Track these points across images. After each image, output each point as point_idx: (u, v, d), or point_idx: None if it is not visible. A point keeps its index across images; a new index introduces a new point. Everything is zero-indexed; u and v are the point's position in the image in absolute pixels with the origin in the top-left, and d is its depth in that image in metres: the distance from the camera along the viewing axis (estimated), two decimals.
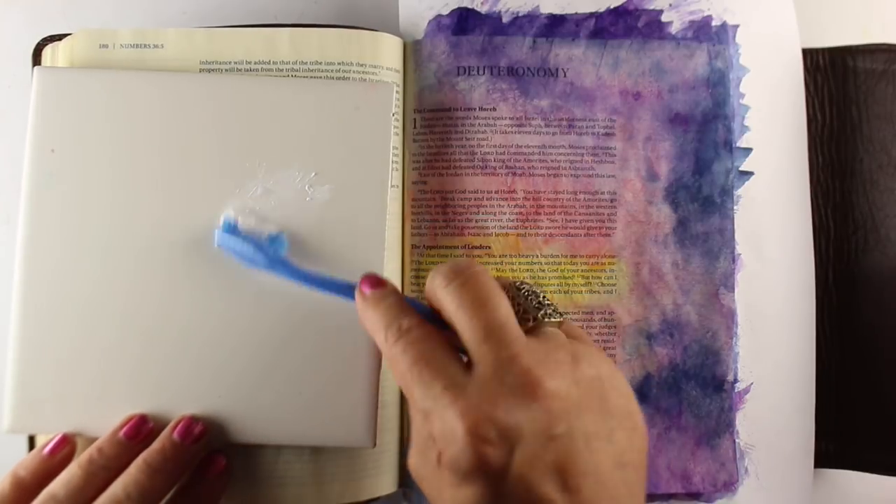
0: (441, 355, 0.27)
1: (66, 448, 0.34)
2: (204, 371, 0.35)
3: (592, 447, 0.26)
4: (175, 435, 0.33)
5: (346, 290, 0.32)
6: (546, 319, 0.29)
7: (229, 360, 0.35)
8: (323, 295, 0.32)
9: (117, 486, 0.31)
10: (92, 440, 0.35)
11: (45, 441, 0.34)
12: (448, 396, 0.26)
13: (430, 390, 0.26)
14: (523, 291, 0.29)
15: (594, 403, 0.26)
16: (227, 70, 0.39)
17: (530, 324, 0.28)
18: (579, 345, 0.28)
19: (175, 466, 0.33)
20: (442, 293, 0.28)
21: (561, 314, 0.30)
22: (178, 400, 0.35)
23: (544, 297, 0.30)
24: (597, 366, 0.27)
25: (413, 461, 0.28)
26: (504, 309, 0.27)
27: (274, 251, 0.35)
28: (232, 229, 0.35)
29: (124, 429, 0.34)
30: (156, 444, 0.33)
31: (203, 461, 0.35)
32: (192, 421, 0.34)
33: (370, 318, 0.30)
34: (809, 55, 0.43)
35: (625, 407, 0.27)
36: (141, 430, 0.34)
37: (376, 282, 0.31)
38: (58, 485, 0.32)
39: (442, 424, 0.26)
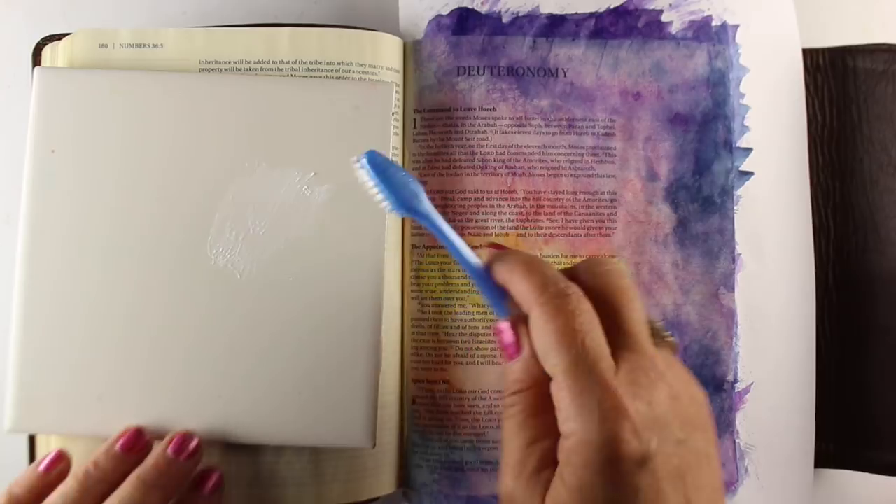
0: (599, 331, 0.26)
1: (61, 464, 0.34)
2: (204, 371, 0.35)
3: (702, 464, 0.25)
4: (169, 450, 0.33)
5: (478, 272, 0.29)
6: (664, 338, 0.28)
7: (229, 361, 0.35)
8: (323, 296, 0.32)
9: (112, 502, 0.31)
10: (91, 441, 0.35)
11: (40, 458, 0.34)
12: (599, 373, 0.24)
13: (583, 363, 0.24)
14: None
15: (704, 424, 0.26)
16: (226, 70, 0.39)
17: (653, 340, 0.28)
18: (687, 369, 0.28)
19: (169, 482, 0.33)
20: (595, 278, 0.27)
21: (675, 341, 0.29)
22: (179, 400, 0.35)
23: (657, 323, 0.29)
24: (702, 390, 0.27)
25: (514, 486, 0.26)
26: (643, 311, 0.27)
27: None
28: (382, 160, 0.30)
29: (120, 442, 0.34)
30: (150, 460, 0.33)
31: (198, 476, 0.35)
32: (187, 436, 0.34)
33: (519, 273, 0.27)
34: (809, 55, 0.43)
35: (713, 441, 0.27)
36: (137, 443, 0.34)
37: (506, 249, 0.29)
38: (55, 498, 0.32)
39: (583, 401, 0.24)
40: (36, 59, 0.39)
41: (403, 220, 0.41)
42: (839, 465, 0.41)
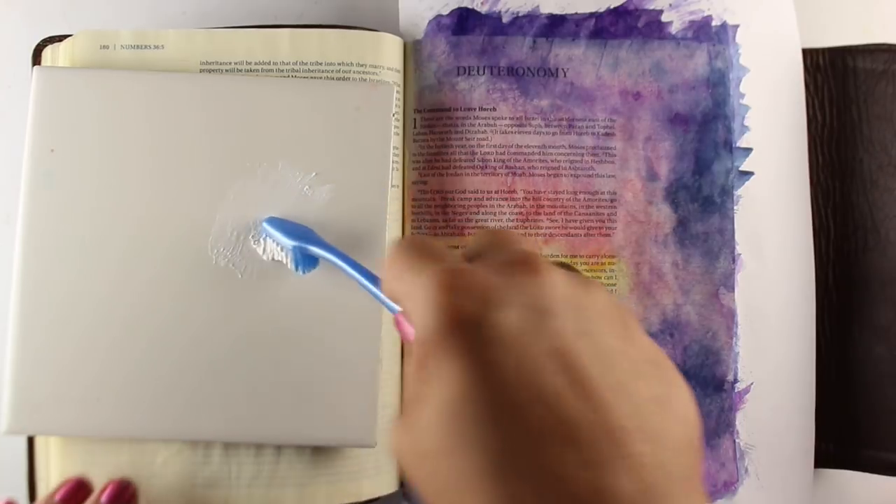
0: (437, 244, 0.22)
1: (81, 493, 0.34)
2: (204, 371, 0.35)
3: (614, 362, 0.19)
4: (103, 499, 0.33)
5: (371, 279, 0.30)
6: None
7: (229, 361, 0.35)
8: (323, 296, 0.32)
9: None
10: (90, 442, 0.35)
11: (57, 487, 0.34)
12: (434, 266, 0.20)
13: (419, 270, 0.21)
14: None
15: (612, 323, 0.20)
16: (227, 71, 0.39)
17: None
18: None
19: None
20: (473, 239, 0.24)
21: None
22: (179, 400, 0.35)
23: None
24: (613, 299, 0.22)
25: (392, 430, 0.20)
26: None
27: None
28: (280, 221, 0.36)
29: (59, 493, 0.34)
30: None
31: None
32: (122, 483, 0.34)
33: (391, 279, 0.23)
34: (809, 55, 0.43)
35: (655, 352, 0.21)
36: (77, 495, 0.34)
37: None
38: None
39: (419, 295, 0.20)
40: (36, 61, 0.39)
41: (404, 220, 0.41)
42: (839, 465, 0.41)
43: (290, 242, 0.34)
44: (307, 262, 0.35)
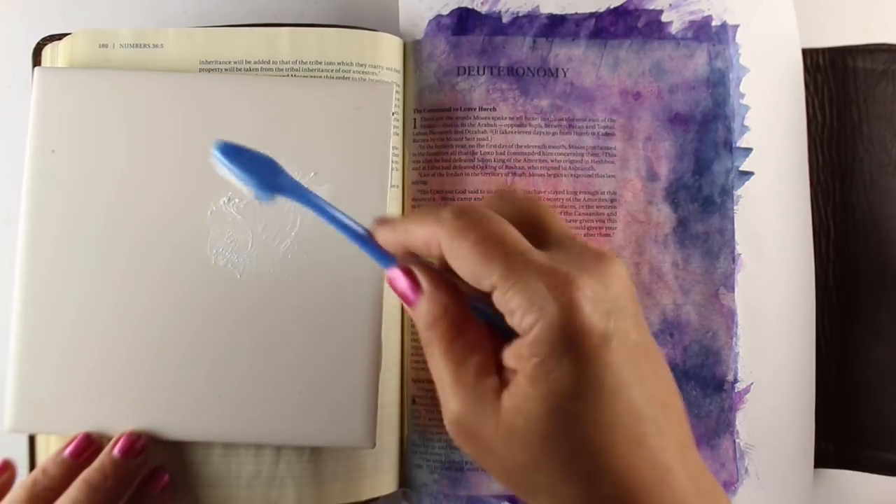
0: (516, 232, 0.25)
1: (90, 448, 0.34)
2: (204, 371, 0.35)
3: (650, 350, 0.25)
4: (115, 452, 0.33)
5: (349, 229, 0.28)
6: None
7: (230, 361, 0.35)
8: (324, 296, 0.32)
9: None
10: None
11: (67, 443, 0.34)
12: (537, 263, 0.23)
13: (514, 260, 0.23)
14: None
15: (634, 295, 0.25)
16: (226, 70, 0.39)
17: None
18: None
19: (116, 483, 0.33)
20: (502, 202, 0.26)
21: None
22: (179, 400, 0.35)
23: None
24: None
25: (461, 405, 0.24)
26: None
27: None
28: (234, 146, 0.29)
29: (68, 448, 0.34)
30: (95, 463, 0.33)
31: (147, 477, 0.35)
32: (133, 436, 0.34)
33: (408, 222, 0.26)
34: (809, 55, 0.43)
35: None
36: (86, 449, 0.34)
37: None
38: None
39: (532, 294, 0.23)
40: (36, 59, 0.39)
41: None
42: (839, 465, 0.41)
43: (257, 191, 0.29)
44: (267, 195, 0.29)
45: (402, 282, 0.27)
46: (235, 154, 0.29)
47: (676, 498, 0.23)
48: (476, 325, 0.25)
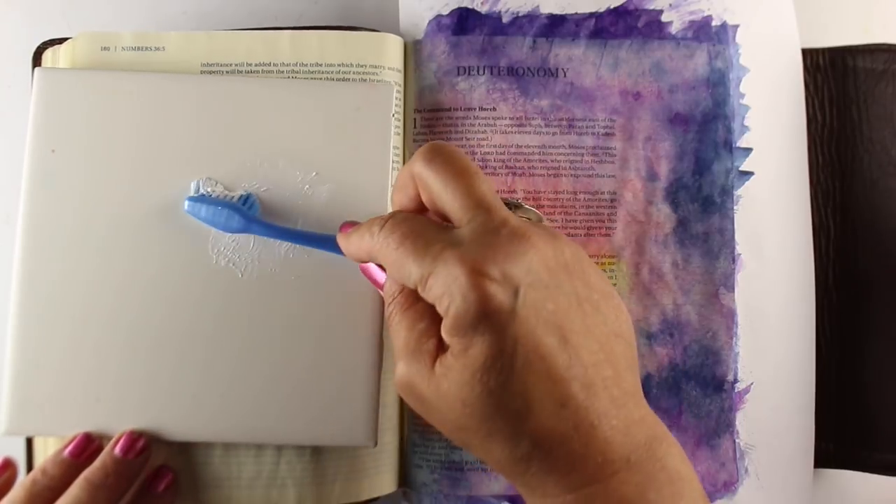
0: (431, 226, 0.27)
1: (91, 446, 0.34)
2: (204, 371, 0.35)
3: (585, 310, 0.26)
4: (117, 450, 0.33)
5: (327, 242, 0.33)
6: (525, 208, 0.30)
7: (230, 361, 0.35)
8: (324, 296, 0.32)
9: None
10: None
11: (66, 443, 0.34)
12: (447, 252, 0.26)
13: (427, 253, 0.26)
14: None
15: (578, 273, 0.27)
16: (227, 72, 0.39)
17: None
18: (554, 229, 0.29)
19: (117, 481, 0.33)
20: (425, 169, 0.28)
21: (538, 214, 0.31)
22: (178, 400, 0.35)
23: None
24: (573, 246, 0.28)
25: (404, 368, 0.27)
26: (490, 183, 0.28)
27: (248, 210, 0.35)
28: (200, 197, 0.35)
29: (68, 448, 0.34)
30: (97, 462, 0.33)
31: (151, 476, 0.35)
32: (134, 435, 0.34)
33: (354, 238, 0.30)
34: (809, 55, 0.43)
35: (605, 286, 0.28)
36: (86, 449, 0.34)
37: (354, 223, 0.32)
38: None
39: (444, 280, 0.25)
40: (36, 63, 0.39)
41: None
42: (839, 465, 0.41)
43: (218, 227, 0.35)
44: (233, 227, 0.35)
45: (372, 268, 0.32)
46: (199, 205, 0.35)
47: (598, 451, 0.25)
48: (420, 299, 0.28)
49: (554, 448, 0.25)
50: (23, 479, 0.33)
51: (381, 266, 0.31)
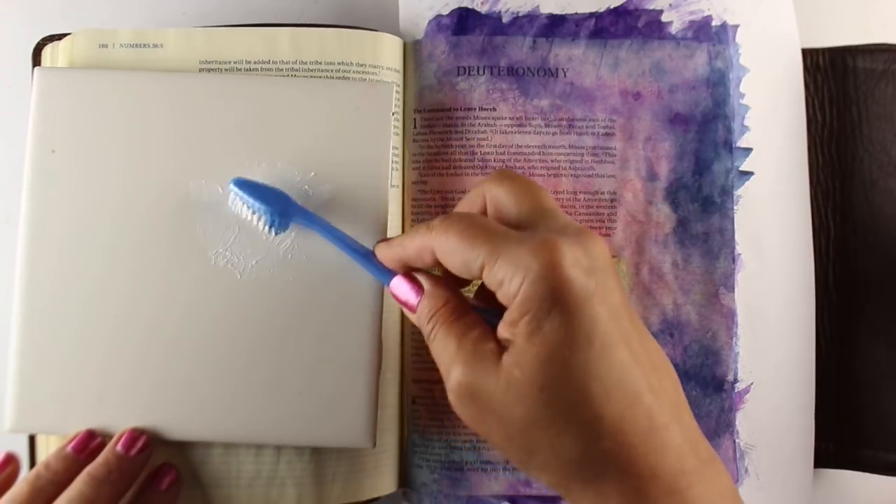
0: (493, 222, 0.27)
1: (93, 442, 0.35)
2: (205, 371, 0.35)
3: (632, 312, 0.26)
4: (119, 447, 0.34)
5: (360, 251, 0.33)
6: None
7: (230, 361, 0.35)
8: (324, 296, 0.32)
9: (61, 500, 0.32)
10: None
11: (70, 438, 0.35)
12: (517, 236, 0.26)
13: (495, 237, 0.26)
14: None
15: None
16: (226, 70, 0.39)
17: None
18: None
19: (119, 477, 0.33)
20: (497, 186, 0.29)
21: None
22: (179, 400, 0.35)
23: None
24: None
25: (462, 373, 0.26)
26: (555, 201, 0.29)
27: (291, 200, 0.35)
28: (247, 181, 0.35)
29: (72, 443, 0.34)
30: (100, 458, 0.33)
31: (154, 473, 0.35)
32: (136, 432, 0.34)
33: (401, 239, 0.30)
34: (809, 55, 0.43)
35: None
36: (88, 445, 0.34)
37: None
38: (4, 502, 0.32)
39: (516, 262, 0.25)
40: (36, 59, 0.39)
41: (404, 220, 0.41)
42: (839, 465, 0.41)
43: (265, 208, 0.34)
44: (281, 224, 0.34)
45: (403, 287, 0.30)
46: (251, 188, 0.34)
47: (674, 458, 0.24)
48: (474, 313, 0.28)
49: (634, 443, 0.24)
50: (27, 474, 0.33)
51: (411, 278, 0.30)
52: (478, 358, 0.26)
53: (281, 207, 0.34)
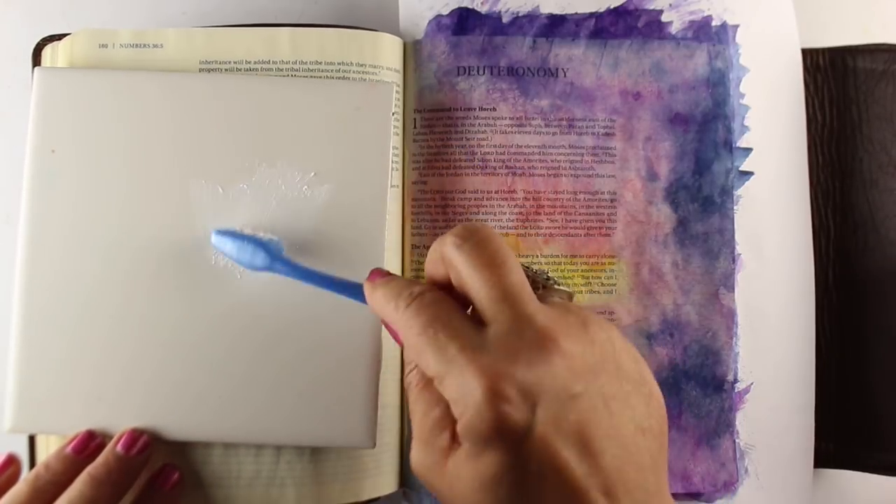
0: (455, 316, 0.26)
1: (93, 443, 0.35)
2: (204, 371, 0.35)
3: (612, 409, 0.25)
4: (119, 447, 0.34)
5: (352, 288, 0.31)
6: (556, 287, 0.29)
7: (230, 361, 0.35)
8: (323, 296, 0.32)
9: (62, 501, 0.32)
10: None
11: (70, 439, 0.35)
12: (465, 356, 0.25)
13: (445, 352, 0.25)
14: (532, 266, 0.29)
15: (609, 366, 0.26)
16: (226, 70, 0.39)
17: (539, 292, 0.28)
18: (587, 312, 0.27)
19: (119, 478, 0.33)
20: (454, 253, 0.27)
21: (569, 290, 0.29)
22: (179, 400, 0.35)
23: (550, 273, 0.30)
24: (607, 330, 0.26)
25: (418, 455, 0.26)
26: (519, 272, 0.26)
27: (275, 249, 0.35)
28: (228, 231, 0.35)
29: (72, 444, 0.34)
30: (100, 458, 0.33)
31: (156, 474, 0.35)
32: (136, 433, 0.34)
33: (380, 297, 0.29)
34: (809, 55, 0.43)
35: (638, 372, 0.27)
36: (88, 445, 0.34)
37: (384, 273, 0.30)
38: (4, 503, 0.32)
39: (459, 387, 0.24)
40: (36, 59, 0.39)
41: (404, 220, 0.41)
42: (839, 465, 0.41)
43: (248, 264, 0.34)
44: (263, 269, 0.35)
45: (390, 328, 0.29)
46: (225, 238, 0.35)
47: None
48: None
49: None
50: (26, 475, 0.33)
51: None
52: (431, 447, 0.26)
53: (251, 259, 0.34)
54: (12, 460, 0.34)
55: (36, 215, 0.35)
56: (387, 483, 0.39)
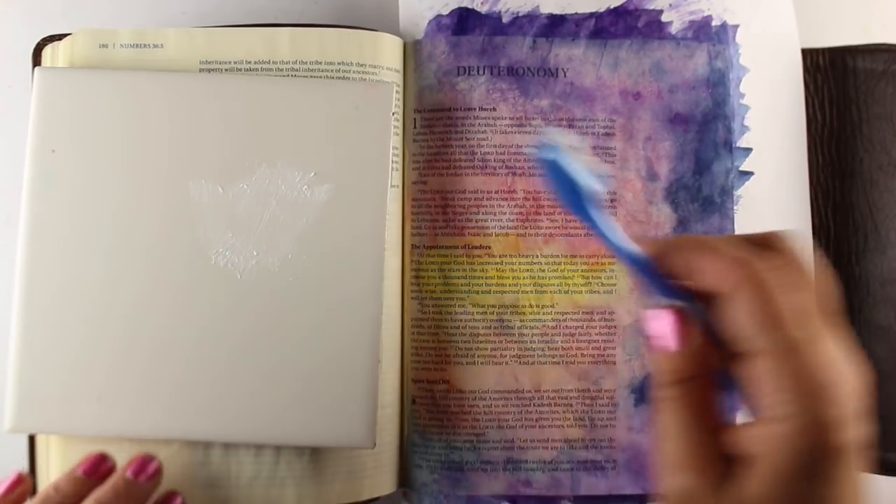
0: (812, 306, 0.24)
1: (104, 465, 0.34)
2: (204, 371, 0.35)
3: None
4: (128, 472, 0.33)
5: (634, 258, 0.25)
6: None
7: (230, 361, 0.35)
8: (323, 296, 0.32)
9: None
10: (90, 441, 0.35)
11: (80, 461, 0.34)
12: (810, 359, 0.23)
13: (790, 347, 0.23)
14: None
15: None
16: (226, 70, 0.39)
17: None
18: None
19: (127, 503, 0.33)
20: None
21: None
22: (179, 400, 0.35)
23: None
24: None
25: (687, 485, 0.23)
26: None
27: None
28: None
29: (82, 466, 0.34)
30: (108, 482, 0.33)
31: (161, 500, 0.35)
32: (147, 458, 0.34)
33: (701, 256, 0.24)
34: (809, 55, 0.43)
35: None
36: (99, 468, 0.34)
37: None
38: None
39: (788, 388, 0.22)
40: (36, 59, 0.39)
41: (404, 220, 0.41)
42: None
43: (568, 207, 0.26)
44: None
45: (664, 325, 0.24)
46: (562, 170, 0.26)
47: None
48: (718, 399, 0.24)
49: None
50: (36, 496, 0.33)
51: (681, 319, 0.24)
52: (708, 477, 0.23)
53: (575, 199, 0.25)
54: (21, 480, 0.34)
55: (36, 215, 0.35)
56: (387, 483, 0.39)
